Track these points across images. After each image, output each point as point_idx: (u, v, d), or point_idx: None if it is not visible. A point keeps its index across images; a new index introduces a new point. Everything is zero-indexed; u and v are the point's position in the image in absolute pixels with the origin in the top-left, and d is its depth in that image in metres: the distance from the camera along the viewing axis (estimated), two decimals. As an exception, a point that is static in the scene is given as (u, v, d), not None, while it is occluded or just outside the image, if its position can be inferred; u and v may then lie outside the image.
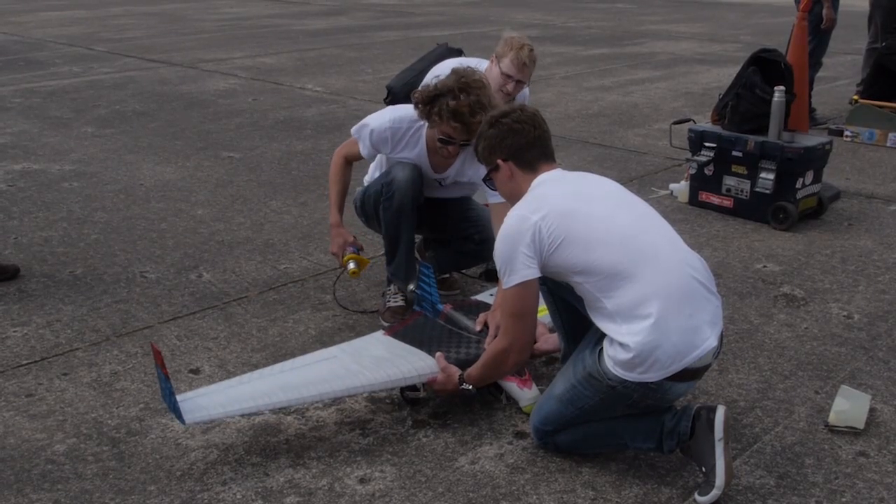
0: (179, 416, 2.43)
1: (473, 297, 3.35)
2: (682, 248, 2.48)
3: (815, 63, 6.39)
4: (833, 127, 6.41)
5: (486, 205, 3.34)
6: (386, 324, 3.32)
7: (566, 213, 2.41)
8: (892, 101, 6.22)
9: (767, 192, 4.47)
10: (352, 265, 3.38)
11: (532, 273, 2.40)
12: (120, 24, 13.16)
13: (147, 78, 8.69)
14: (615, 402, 2.41)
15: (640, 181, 5.29)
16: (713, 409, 2.35)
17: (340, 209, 3.45)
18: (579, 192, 2.52)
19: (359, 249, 3.43)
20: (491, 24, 13.10)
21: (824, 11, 6.37)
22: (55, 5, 15.85)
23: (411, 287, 3.34)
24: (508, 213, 2.47)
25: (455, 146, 3.19)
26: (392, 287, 3.45)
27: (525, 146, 2.55)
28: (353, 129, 3.38)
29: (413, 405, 2.84)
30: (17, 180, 5.29)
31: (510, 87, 3.72)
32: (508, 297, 2.46)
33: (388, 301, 3.43)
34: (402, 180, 3.26)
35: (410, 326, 3.02)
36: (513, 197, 2.58)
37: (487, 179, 2.71)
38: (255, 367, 2.99)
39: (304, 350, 3.09)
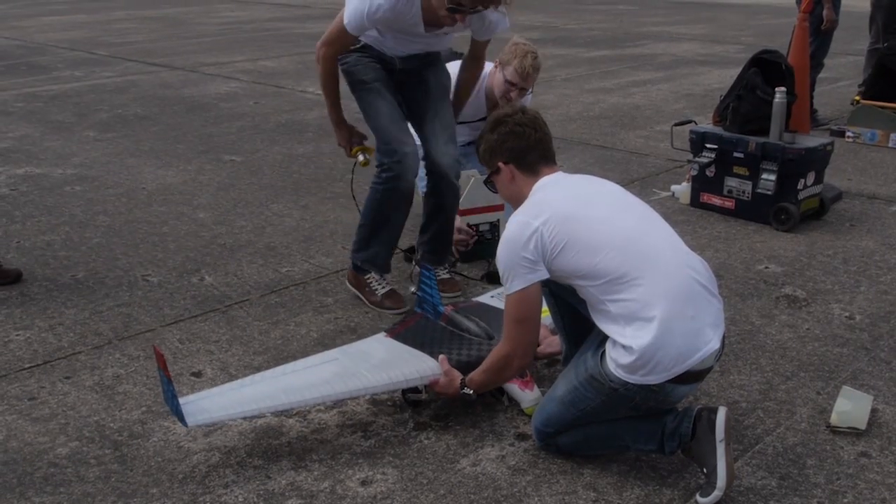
0: (182, 419, 2.43)
1: (475, 299, 3.36)
2: (684, 250, 2.49)
3: (816, 64, 6.39)
4: (835, 128, 6.41)
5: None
6: (388, 311, 3.30)
7: (568, 216, 2.41)
8: (894, 101, 6.21)
9: (769, 193, 4.47)
10: (361, 157, 3.47)
11: (534, 278, 2.40)
12: (121, 28, 13.18)
13: (148, 82, 8.70)
14: (617, 404, 2.41)
15: (641, 183, 5.29)
16: (714, 411, 2.35)
17: (338, 106, 3.41)
18: (580, 195, 2.53)
19: (363, 140, 3.51)
20: (492, 26, 13.09)
21: (825, 12, 6.37)
22: (57, 10, 15.86)
23: (412, 289, 3.34)
24: (510, 219, 2.49)
25: (463, 14, 2.94)
26: (373, 274, 3.41)
27: (526, 149, 2.56)
28: (347, 17, 3.12)
29: (415, 407, 2.84)
30: (19, 184, 5.30)
31: (513, 94, 3.73)
32: (511, 303, 2.46)
33: (377, 289, 3.39)
34: (407, 171, 3.21)
35: (412, 328, 3.02)
36: (514, 200, 2.60)
37: (489, 182, 2.72)
38: (257, 369, 3.00)
39: (305, 353, 3.10)
